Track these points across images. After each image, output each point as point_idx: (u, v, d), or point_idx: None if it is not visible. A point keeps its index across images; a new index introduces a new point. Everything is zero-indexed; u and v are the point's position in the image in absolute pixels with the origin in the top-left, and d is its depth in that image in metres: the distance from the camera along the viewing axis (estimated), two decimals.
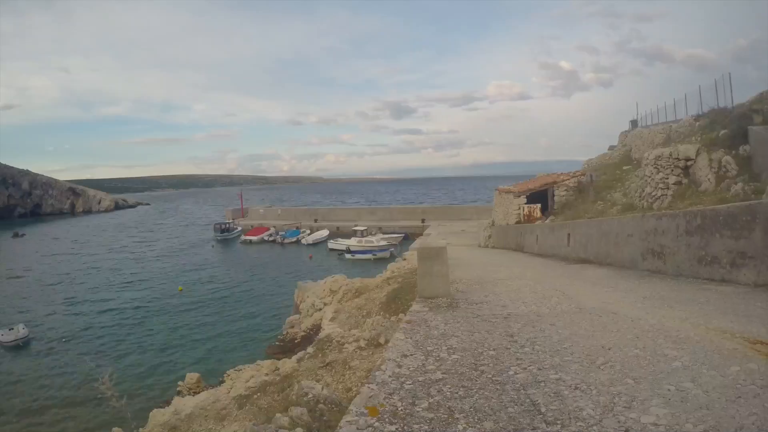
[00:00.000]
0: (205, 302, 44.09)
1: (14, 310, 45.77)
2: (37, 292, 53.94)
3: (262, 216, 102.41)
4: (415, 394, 4.88)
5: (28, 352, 33.85)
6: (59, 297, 50.48)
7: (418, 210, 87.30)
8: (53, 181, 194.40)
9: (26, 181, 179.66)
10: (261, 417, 10.15)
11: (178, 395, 19.59)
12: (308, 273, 50.88)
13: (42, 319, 42.04)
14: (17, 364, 31.72)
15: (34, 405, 25.62)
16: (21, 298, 51.12)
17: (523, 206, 31.64)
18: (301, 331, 26.06)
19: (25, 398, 26.49)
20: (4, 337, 34.93)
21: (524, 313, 8.57)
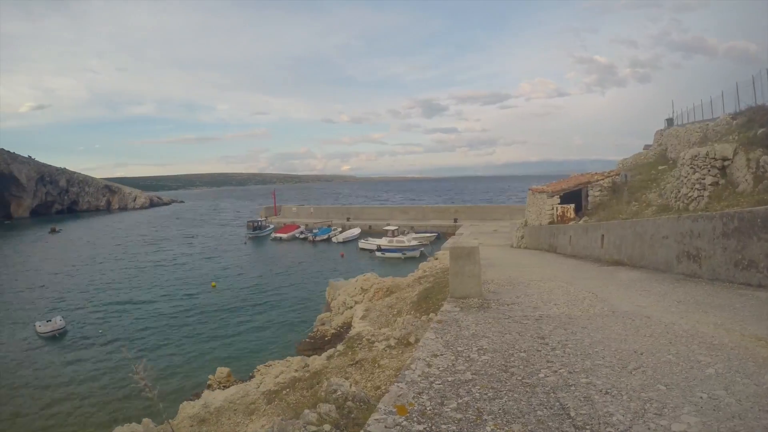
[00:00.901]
0: (238, 298, 44.56)
1: (52, 302, 47.15)
2: (73, 285, 55.36)
3: (295, 214, 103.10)
4: (444, 394, 4.89)
5: (64, 343, 34.70)
6: (95, 290, 51.71)
7: (450, 209, 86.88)
8: (90, 179, 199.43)
9: (63, 179, 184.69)
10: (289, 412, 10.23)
11: (208, 389, 19.88)
12: (340, 271, 51.14)
13: (78, 311, 43.16)
14: (54, 353, 32.60)
15: (69, 393, 26.31)
16: (58, 291, 52.48)
17: (556, 206, 31.31)
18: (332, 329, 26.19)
19: (60, 386, 27.23)
20: (41, 328, 36.02)
21: (556, 315, 8.51)
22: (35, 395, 26.26)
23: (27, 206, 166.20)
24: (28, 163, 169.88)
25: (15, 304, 47.16)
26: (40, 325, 36.67)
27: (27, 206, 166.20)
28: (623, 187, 28.42)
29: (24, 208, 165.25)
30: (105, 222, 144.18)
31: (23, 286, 55.95)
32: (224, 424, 12.27)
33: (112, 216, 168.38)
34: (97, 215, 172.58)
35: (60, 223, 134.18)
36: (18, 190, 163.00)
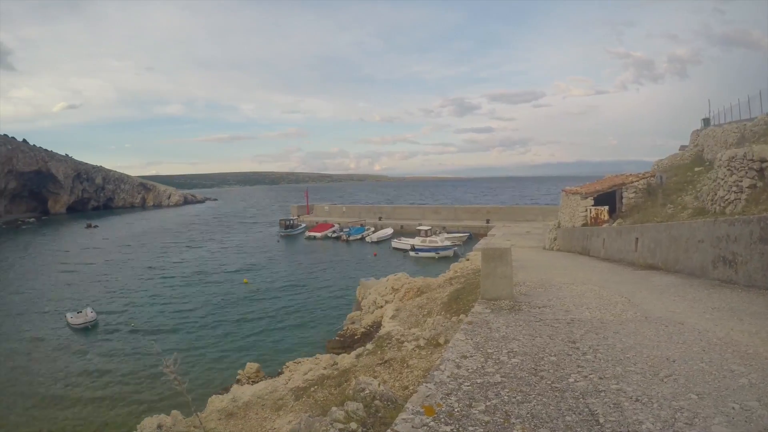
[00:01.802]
0: (269, 295, 44.94)
1: (84, 295, 48.23)
2: (106, 279, 56.53)
3: (327, 213, 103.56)
4: (473, 396, 4.90)
5: (96, 335, 35.50)
6: (127, 284, 52.73)
7: (482, 210, 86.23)
8: (125, 177, 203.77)
9: (100, 177, 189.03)
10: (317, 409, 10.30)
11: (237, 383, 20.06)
12: (371, 270, 51.15)
13: (110, 304, 44.12)
14: (84, 345, 33.38)
15: (98, 384, 26.92)
16: (91, 284, 53.71)
17: (590, 208, 30.89)
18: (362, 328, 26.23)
19: (89, 377, 27.89)
20: (73, 320, 36.92)
21: (588, 319, 8.44)
22: (66, 384, 26.97)
23: (64, 202, 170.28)
24: (65, 161, 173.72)
25: (49, 295, 48.46)
26: (71, 316, 37.59)
27: (64, 202, 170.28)
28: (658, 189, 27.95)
29: (61, 204, 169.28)
30: (140, 218, 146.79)
31: (58, 279, 57.48)
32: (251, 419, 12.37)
33: (147, 213, 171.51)
34: (132, 212, 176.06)
35: (96, 219, 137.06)
36: (55, 187, 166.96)
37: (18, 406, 24.45)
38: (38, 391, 26.20)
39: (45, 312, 41.86)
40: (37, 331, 36.41)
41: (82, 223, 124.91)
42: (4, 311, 42.55)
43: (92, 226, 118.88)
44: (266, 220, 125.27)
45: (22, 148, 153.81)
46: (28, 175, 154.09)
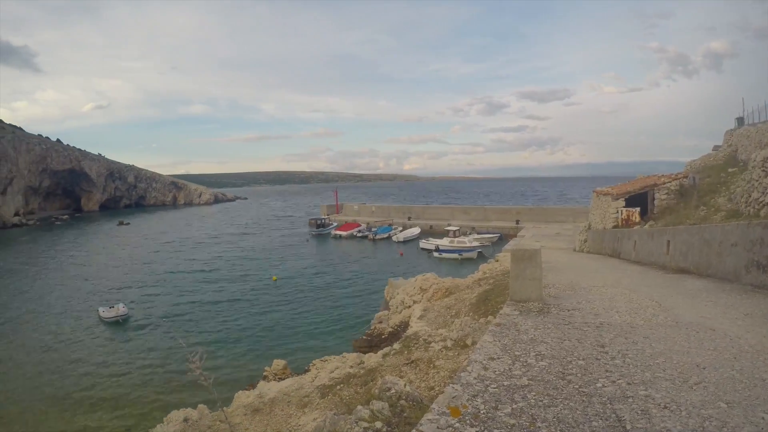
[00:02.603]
0: (297, 293, 45.20)
1: (116, 290, 49.28)
2: (137, 275, 57.55)
3: (356, 212, 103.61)
4: (499, 398, 4.89)
5: (126, 329, 36.19)
6: (158, 280, 53.64)
7: (512, 210, 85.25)
8: (157, 176, 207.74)
9: (132, 175, 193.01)
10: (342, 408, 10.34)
11: (263, 380, 20.25)
12: (398, 270, 51.13)
13: (141, 299, 44.93)
14: (115, 338, 34.10)
15: (127, 377, 27.47)
16: (123, 280, 54.73)
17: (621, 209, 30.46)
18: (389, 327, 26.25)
19: (119, 370, 28.46)
20: (105, 314, 37.75)
21: (617, 323, 8.37)
22: (95, 376, 27.56)
23: (97, 200, 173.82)
24: (98, 160, 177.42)
25: (82, 290, 49.59)
26: (103, 310, 38.43)
27: (97, 200, 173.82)
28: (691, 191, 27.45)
29: (94, 202, 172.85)
30: (171, 216, 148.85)
31: (90, 274, 58.64)
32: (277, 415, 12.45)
33: (178, 211, 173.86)
34: (164, 210, 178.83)
35: (128, 216, 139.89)
36: (88, 185, 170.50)
37: (48, 396, 25.09)
38: (68, 382, 26.88)
39: (78, 306, 42.84)
40: (70, 325, 37.34)
41: (114, 221, 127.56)
42: (38, 305, 43.61)
43: (124, 223, 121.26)
44: (296, 218, 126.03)
45: (56, 148, 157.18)
46: (61, 173, 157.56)
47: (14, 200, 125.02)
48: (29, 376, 27.53)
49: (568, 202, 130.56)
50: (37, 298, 46.17)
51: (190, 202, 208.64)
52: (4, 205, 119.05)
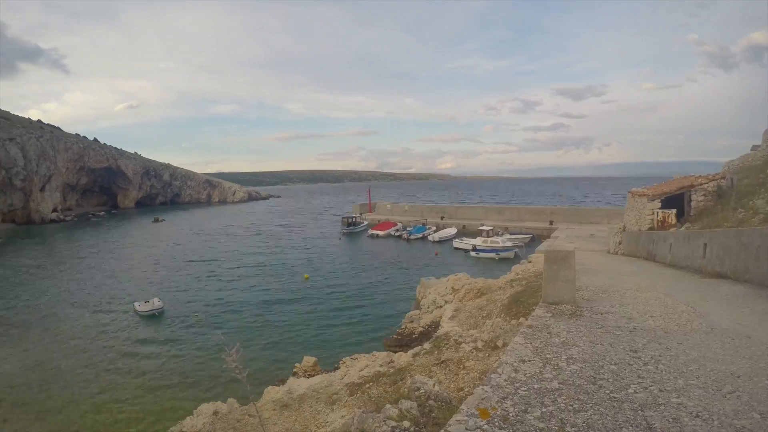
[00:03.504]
0: (329, 291, 45.35)
1: (152, 284, 50.23)
2: (172, 270, 58.54)
3: (389, 211, 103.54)
4: (529, 401, 4.89)
5: (161, 323, 36.82)
6: (192, 276, 54.38)
7: (546, 211, 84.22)
8: (191, 174, 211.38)
9: (167, 173, 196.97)
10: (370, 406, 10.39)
11: (293, 376, 20.45)
12: (432, 270, 50.98)
13: (175, 294, 45.66)
14: (150, 332, 34.70)
15: (160, 369, 28.00)
16: (158, 275, 55.77)
17: (656, 211, 29.96)
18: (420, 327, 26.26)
19: (152, 362, 29.00)
20: (141, 308, 38.60)
21: (651, 328, 8.27)
22: (130, 368, 28.18)
23: (132, 198, 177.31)
24: (134, 158, 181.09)
25: (118, 284, 50.56)
26: (139, 305, 39.28)
27: (132, 198, 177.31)
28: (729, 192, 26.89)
29: (130, 199, 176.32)
30: (205, 214, 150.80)
31: (126, 269, 59.82)
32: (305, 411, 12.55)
33: (213, 208, 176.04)
34: (198, 207, 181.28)
35: (163, 213, 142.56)
36: (124, 183, 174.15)
37: (82, 385, 25.74)
38: (102, 372, 27.55)
39: (114, 300, 43.72)
40: (106, 318, 38.13)
41: (149, 217, 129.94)
42: (75, 299, 44.68)
43: (159, 220, 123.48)
44: (329, 217, 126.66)
45: (93, 147, 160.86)
46: (98, 171, 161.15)
47: (52, 197, 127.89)
48: (65, 367, 28.27)
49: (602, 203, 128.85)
50: (74, 292, 47.30)
51: (224, 199, 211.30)
52: (43, 202, 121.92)
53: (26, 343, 32.31)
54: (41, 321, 37.57)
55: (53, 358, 29.83)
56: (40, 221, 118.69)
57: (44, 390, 25.29)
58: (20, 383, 26.13)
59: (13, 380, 26.48)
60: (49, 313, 39.70)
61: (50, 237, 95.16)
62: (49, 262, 65.95)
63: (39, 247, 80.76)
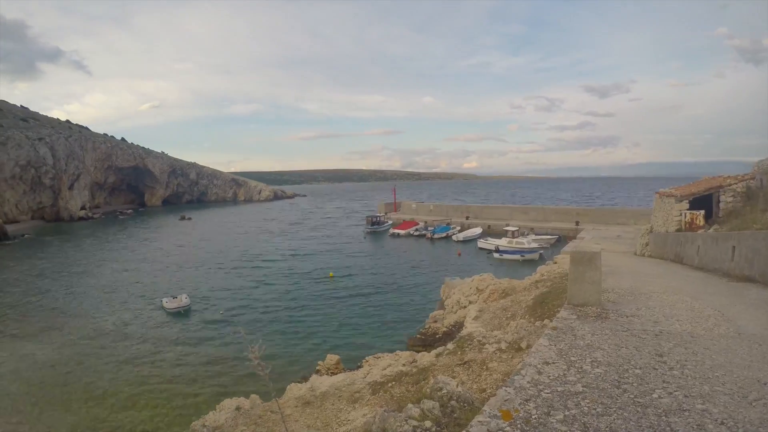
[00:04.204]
0: (353, 290, 45.53)
1: (178, 281, 51.04)
2: (199, 267, 59.26)
3: (414, 211, 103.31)
4: (552, 404, 4.87)
5: (188, 319, 37.40)
6: (219, 273, 55.02)
7: (572, 211, 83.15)
8: (218, 173, 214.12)
9: (194, 172, 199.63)
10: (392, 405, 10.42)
11: (316, 374, 20.55)
12: (456, 270, 50.81)
13: (202, 291, 46.18)
14: (177, 328, 35.19)
15: (186, 363, 28.47)
16: (185, 272, 56.53)
17: (684, 212, 29.51)
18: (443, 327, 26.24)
19: (177, 357, 29.50)
20: (168, 304, 39.26)
21: (677, 332, 8.20)
22: (155, 362, 28.70)
23: (160, 196, 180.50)
24: (161, 157, 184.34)
25: (146, 281, 51.42)
26: (166, 301, 39.99)
27: (160, 196, 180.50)
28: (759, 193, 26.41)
29: (157, 197, 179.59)
30: (231, 212, 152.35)
31: (154, 266, 60.71)
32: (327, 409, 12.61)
33: (238, 207, 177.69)
34: (224, 206, 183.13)
35: (189, 211, 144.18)
36: (151, 181, 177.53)
37: (108, 379, 26.28)
38: (128, 366, 28.10)
39: (142, 296, 44.49)
40: (134, 314, 38.82)
41: (176, 215, 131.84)
42: (103, 294, 45.51)
43: (186, 218, 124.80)
44: (353, 216, 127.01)
45: (121, 146, 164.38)
46: (126, 170, 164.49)
47: (81, 195, 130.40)
48: (92, 361, 28.85)
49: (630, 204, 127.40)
50: (102, 288, 48.15)
51: (250, 198, 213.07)
52: (71, 200, 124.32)
53: (56, 338, 33.10)
54: (70, 316, 38.40)
55: (81, 352, 30.48)
56: (68, 219, 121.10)
57: (72, 382, 25.92)
58: (49, 376, 26.78)
59: (43, 373, 27.13)
60: (78, 309, 40.56)
61: (78, 234, 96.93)
62: (77, 258, 67.22)
63: (67, 244, 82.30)
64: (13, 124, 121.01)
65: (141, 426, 21.14)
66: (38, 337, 33.31)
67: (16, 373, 27.27)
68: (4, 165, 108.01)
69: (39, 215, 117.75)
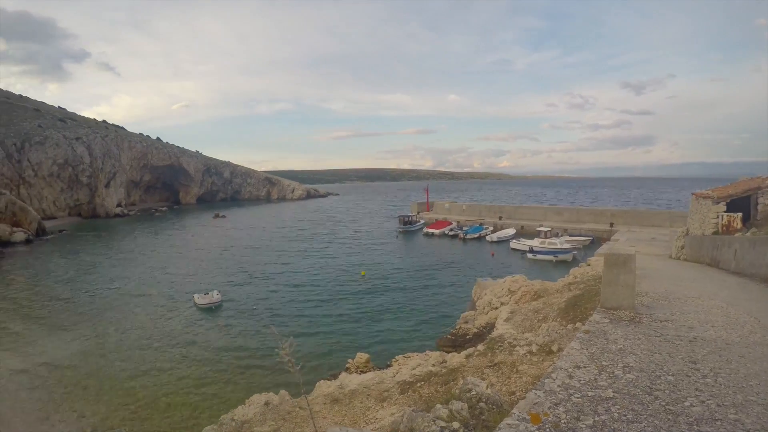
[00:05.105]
0: (384, 289, 45.61)
1: (211, 278, 51.61)
2: (231, 264, 60.05)
3: (447, 210, 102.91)
4: (582, 408, 4.85)
5: (219, 315, 37.94)
6: (251, 270, 55.59)
7: (606, 212, 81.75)
8: (251, 171, 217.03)
9: (228, 171, 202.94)
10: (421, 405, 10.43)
11: (345, 371, 20.71)
12: (488, 270, 50.60)
13: (234, 287, 46.84)
14: (208, 323, 35.71)
15: (216, 358, 28.91)
16: (218, 269, 57.22)
17: (721, 214, 28.88)
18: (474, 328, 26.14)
19: (208, 352, 29.94)
20: (200, 300, 39.98)
21: (712, 338, 8.07)
22: (186, 356, 29.22)
23: (194, 194, 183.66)
24: (196, 156, 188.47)
25: (179, 277, 52.28)
26: (198, 297, 40.69)
27: (194, 194, 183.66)
28: None
29: (191, 195, 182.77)
30: (265, 210, 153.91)
31: (187, 263, 61.69)
32: (355, 407, 12.66)
33: (272, 205, 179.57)
34: (258, 204, 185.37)
35: (223, 209, 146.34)
36: (186, 180, 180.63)
37: (140, 372, 26.88)
38: (160, 360, 28.69)
39: (174, 292, 45.30)
40: (166, 309, 39.62)
41: (210, 213, 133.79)
42: (138, 288, 46.54)
43: (220, 216, 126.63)
44: (385, 215, 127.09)
45: (156, 145, 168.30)
46: (161, 168, 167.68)
47: (117, 193, 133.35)
48: (125, 353, 29.62)
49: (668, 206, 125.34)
50: (136, 283, 49.18)
51: (284, 197, 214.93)
52: (108, 197, 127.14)
53: (89, 329, 34.00)
54: (104, 309, 39.37)
55: (113, 343, 31.39)
56: (104, 215, 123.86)
57: (103, 372, 26.67)
58: (82, 366, 27.63)
59: (76, 363, 28.01)
60: (112, 302, 41.54)
61: (114, 230, 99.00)
62: (112, 253, 68.76)
63: (103, 240, 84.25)
64: (51, 125, 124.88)
65: (170, 417, 21.60)
66: (74, 327, 34.40)
67: (51, 360, 28.26)
68: (42, 164, 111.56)
69: (76, 212, 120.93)
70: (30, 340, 31.52)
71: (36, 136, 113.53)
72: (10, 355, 28.87)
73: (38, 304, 40.76)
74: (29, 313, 38.25)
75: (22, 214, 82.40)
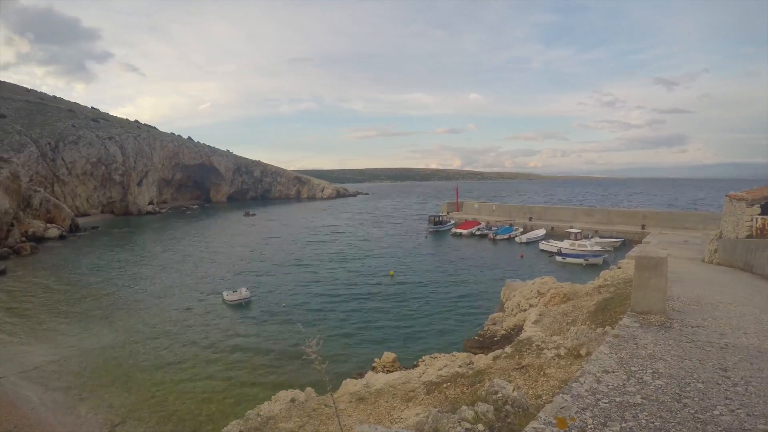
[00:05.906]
0: (413, 289, 45.56)
1: (241, 275, 52.37)
2: (260, 262, 60.70)
3: (476, 211, 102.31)
4: (609, 414, 4.82)
5: (248, 311, 38.45)
6: (279, 268, 56.20)
7: (638, 214, 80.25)
8: (281, 171, 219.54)
9: (258, 170, 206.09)
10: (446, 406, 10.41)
11: (372, 370, 20.74)
12: (517, 272, 50.30)
13: (263, 285, 47.40)
14: (236, 320, 36.19)
15: (244, 354, 29.34)
16: (247, 266, 57.90)
17: (755, 217, 28.33)
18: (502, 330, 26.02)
19: (235, 349, 30.30)
20: (229, 297, 40.64)
21: (744, 345, 7.96)
22: (215, 352, 29.69)
23: (225, 192, 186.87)
24: (226, 155, 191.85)
25: (209, 274, 53.06)
26: (227, 294, 41.39)
27: (225, 192, 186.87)
28: None
29: (222, 194, 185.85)
30: (295, 209, 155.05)
31: (218, 260, 62.59)
32: (381, 406, 12.69)
33: (301, 204, 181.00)
34: (288, 203, 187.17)
35: (253, 208, 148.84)
36: (217, 179, 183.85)
37: (169, 366, 27.46)
38: (188, 355, 29.21)
39: (204, 288, 46.03)
40: (196, 304, 40.36)
41: (240, 212, 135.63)
42: (168, 284, 47.55)
43: (250, 214, 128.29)
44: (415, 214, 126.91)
45: (187, 145, 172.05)
46: (192, 167, 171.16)
47: (149, 191, 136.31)
48: (154, 348, 30.28)
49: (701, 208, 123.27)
50: (167, 279, 50.23)
51: (313, 196, 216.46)
52: (140, 195, 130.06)
53: (120, 324, 34.82)
54: (134, 304, 40.29)
55: (144, 337, 32.13)
56: (137, 213, 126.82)
57: (133, 367, 27.25)
58: (112, 359, 28.34)
59: (107, 356, 28.78)
60: (142, 297, 42.50)
61: (146, 227, 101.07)
62: (143, 250, 70.15)
63: (135, 236, 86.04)
64: (84, 125, 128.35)
65: (197, 411, 21.97)
66: (106, 320, 35.34)
67: (83, 352, 29.14)
68: (76, 162, 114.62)
69: (109, 209, 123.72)
70: (62, 332, 32.50)
71: (70, 136, 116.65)
72: (43, 346, 29.86)
73: (70, 298, 41.84)
74: (61, 306, 39.32)
75: (56, 211, 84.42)
